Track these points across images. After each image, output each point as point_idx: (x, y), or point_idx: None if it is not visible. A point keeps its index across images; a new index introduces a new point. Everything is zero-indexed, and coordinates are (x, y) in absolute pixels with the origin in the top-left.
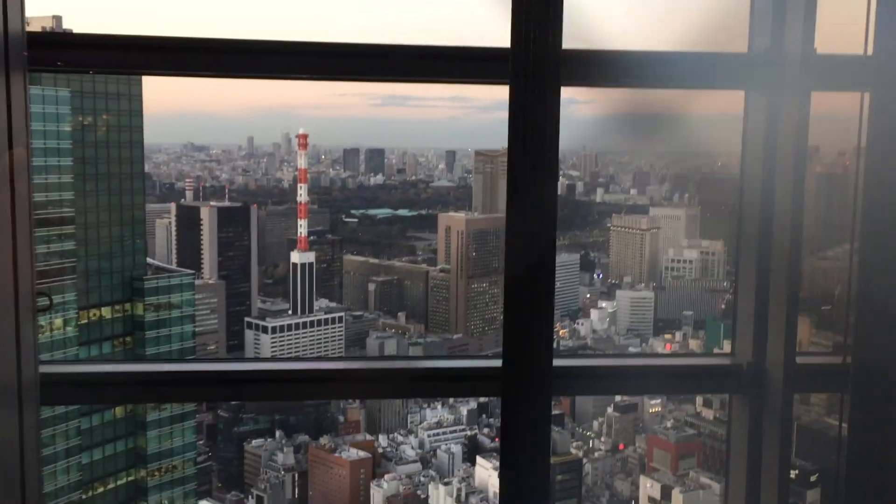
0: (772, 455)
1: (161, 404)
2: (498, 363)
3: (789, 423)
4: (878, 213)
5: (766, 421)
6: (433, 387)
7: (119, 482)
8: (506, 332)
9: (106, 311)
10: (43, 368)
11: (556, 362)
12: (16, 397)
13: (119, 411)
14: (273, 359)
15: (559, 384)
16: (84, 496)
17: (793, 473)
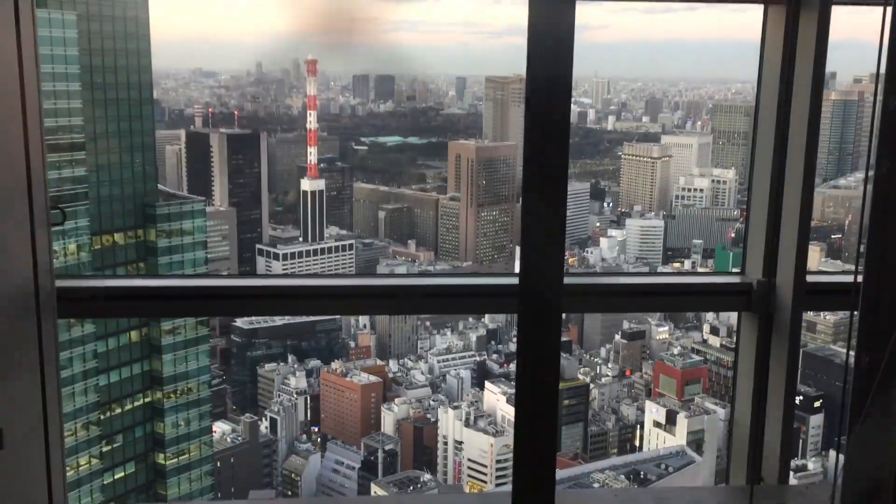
0: (778, 374)
1: (175, 318)
2: (513, 281)
3: (797, 340)
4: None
5: (774, 339)
6: (448, 303)
7: (136, 403)
8: (523, 250)
9: (119, 237)
10: (59, 283)
11: (569, 280)
12: (34, 309)
13: (134, 335)
14: (287, 275)
15: (571, 301)
16: (102, 416)
17: (797, 400)
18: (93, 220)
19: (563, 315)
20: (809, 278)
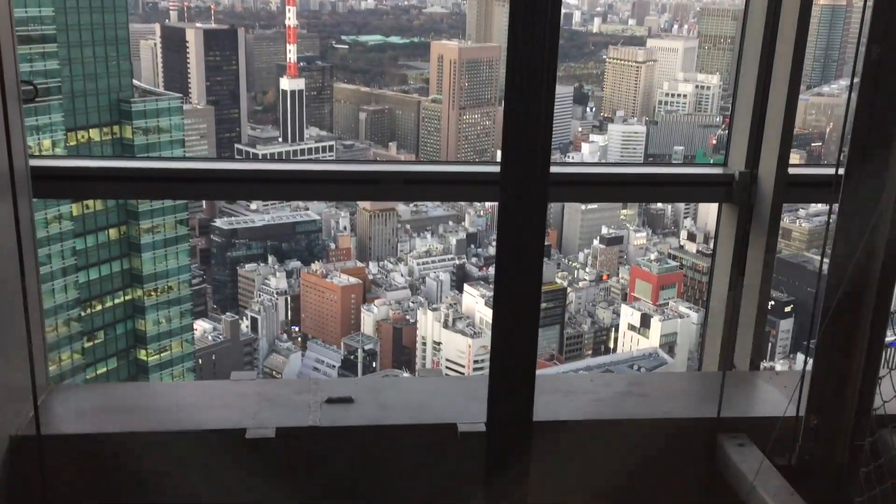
0: (755, 265)
1: (152, 199)
2: (495, 169)
3: (776, 232)
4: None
5: (753, 230)
6: (430, 191)
7: (116, 301)
8: (505, 141)
9: (94, 133)
10: (34, 162)
11: (554, 169)
12: (9, 188)
13: (113, 233)
14: (267, 160)
15: (556, 191)
16: (83, 313)
17: (769, 305)
18: (67, 116)
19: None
20: (791, 170)
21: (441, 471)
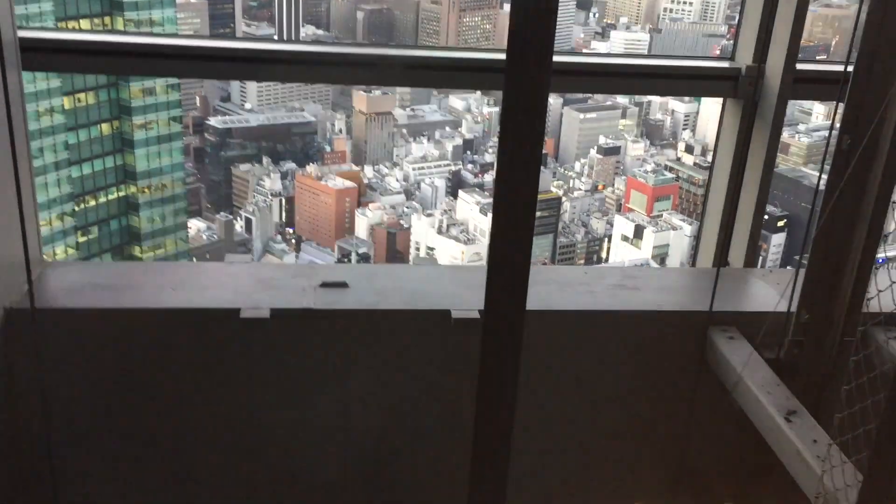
0: (756, 163)
1: (144, 77)
2: (500, 56)
3: (779, 129)
4: None
5: (757, 126)
6: (431, 77)
7: (110, 197)
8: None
9: (84, 24)
10: (22, 33)
11: (557, 58)
12: None
13: (105, 128)
14: (264, 38)
15: (560, 81)
16: (76, 208)
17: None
18: (56, 6)
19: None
20: (799, 66)
21: (434, 357)
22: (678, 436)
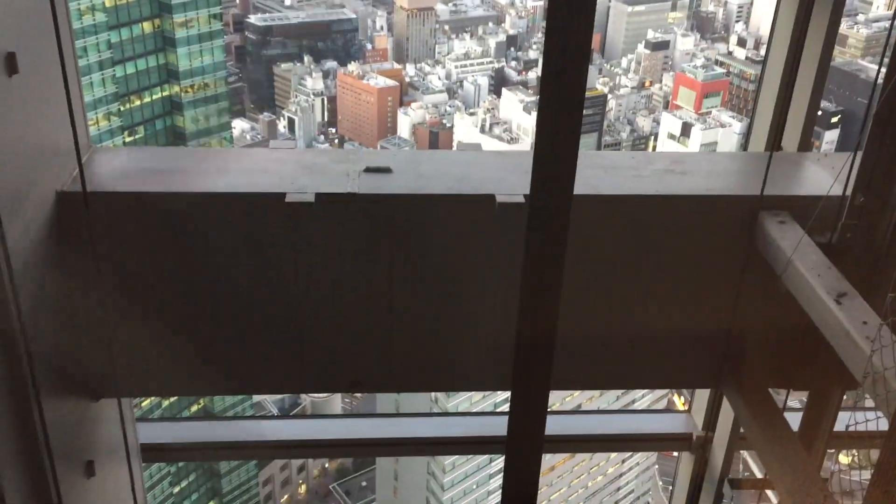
0: (813, 49)
1: None
2: None
3: (838, 19)
4: None
5: (813, 20)
6: None
7: (154, 97)
8: None
9: None
10: None
11: None
12: None
13: (147, 26)
14: None
15: None
16: (122, 108)
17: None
18: None
19: None
20: None
21: (478, 242)
22: (725, 321)
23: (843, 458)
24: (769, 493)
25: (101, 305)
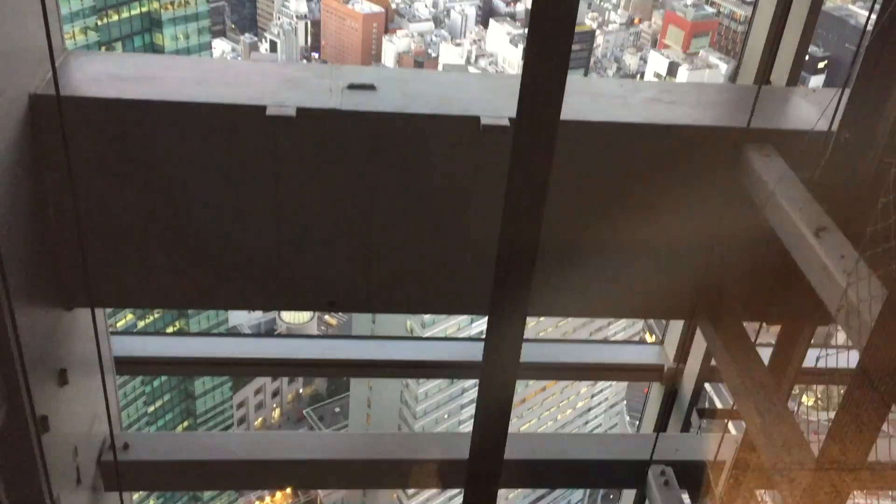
0: (801, 5)
1: None
2: None
3: None
4: None
5: None
6: None
7: (133, 12)
8: None
9: None
10: None
11: None
12: None
13: None
14: None
15: None
16: (100, 22)
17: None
18: None
19: None
20: None
21: (461, 163)
22: (704, 253)
23: (807, 399)
24: (732, 424)
25: (73, 212)
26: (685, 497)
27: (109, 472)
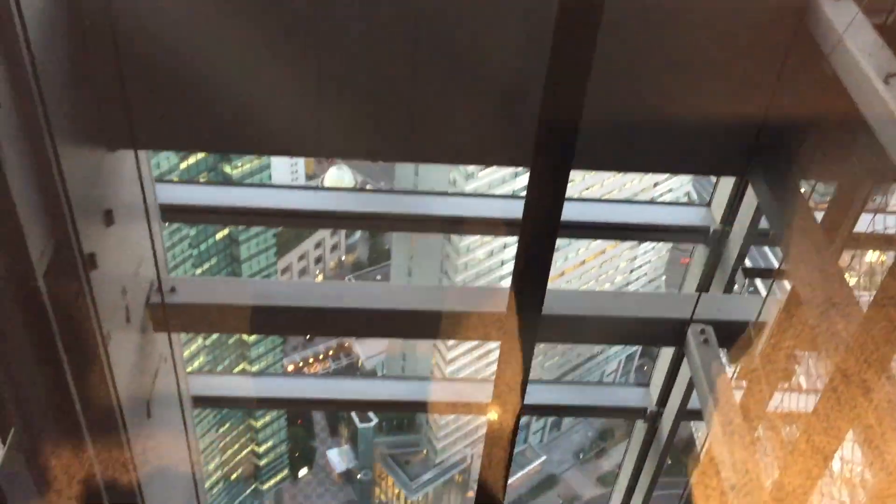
0: None
1: None
2: None
3: None
4: None
5: None
6: None
7: None
8: None
9: None
10: None
11: None
12: None
13: None
14: None
15: None
16: None
17: None
18: None
19: None
20: None
21: (507, 17)
22: (761, 105)
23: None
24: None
25: (115, 53)
26: (723, 356)
27: (157, 314)
